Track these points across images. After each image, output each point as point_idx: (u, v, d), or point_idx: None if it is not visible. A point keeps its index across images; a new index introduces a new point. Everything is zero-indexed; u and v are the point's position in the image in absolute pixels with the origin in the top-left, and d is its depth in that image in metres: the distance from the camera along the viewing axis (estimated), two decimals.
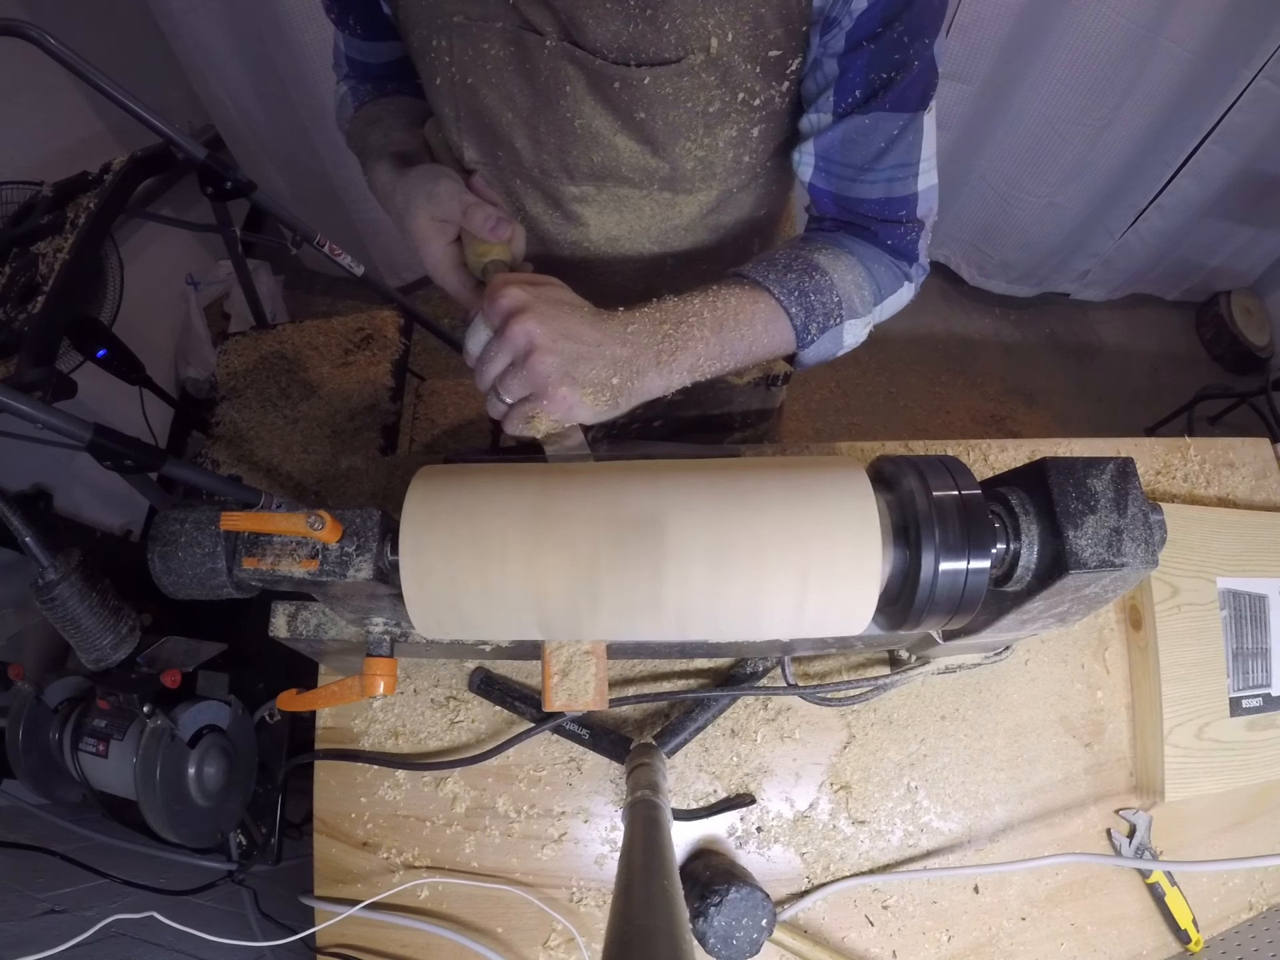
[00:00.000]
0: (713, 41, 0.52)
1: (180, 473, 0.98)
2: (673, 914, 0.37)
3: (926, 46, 0.53)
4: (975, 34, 1.65)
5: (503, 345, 0.48)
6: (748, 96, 0.57)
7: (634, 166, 0.62)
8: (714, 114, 0.57)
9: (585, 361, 0.48)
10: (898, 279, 0.63)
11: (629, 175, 0.62)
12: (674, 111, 0.57)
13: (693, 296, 0.54)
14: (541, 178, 0.65)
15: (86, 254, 1.06)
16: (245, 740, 1.00)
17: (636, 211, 0.66)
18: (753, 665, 0.69)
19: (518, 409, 0.49)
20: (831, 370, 2.27)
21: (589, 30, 0.53)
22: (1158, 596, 0.72)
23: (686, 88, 0.55)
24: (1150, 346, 2.46)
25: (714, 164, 0.62)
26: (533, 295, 0.49)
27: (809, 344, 0.58)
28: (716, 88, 0.56)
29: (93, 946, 0.63)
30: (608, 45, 0.53)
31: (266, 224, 2.09)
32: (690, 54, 0.53)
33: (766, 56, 0.54)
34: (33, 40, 1.00)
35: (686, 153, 0.60)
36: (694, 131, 0.58)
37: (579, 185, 0.64)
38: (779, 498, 0.44)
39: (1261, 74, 1.71)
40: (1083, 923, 0.69)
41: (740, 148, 0.61)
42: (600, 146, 0.60)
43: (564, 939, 0.65)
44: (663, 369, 0.51)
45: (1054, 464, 0.45)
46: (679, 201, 0.65)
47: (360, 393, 1.38)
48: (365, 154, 0.65)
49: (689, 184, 0.63)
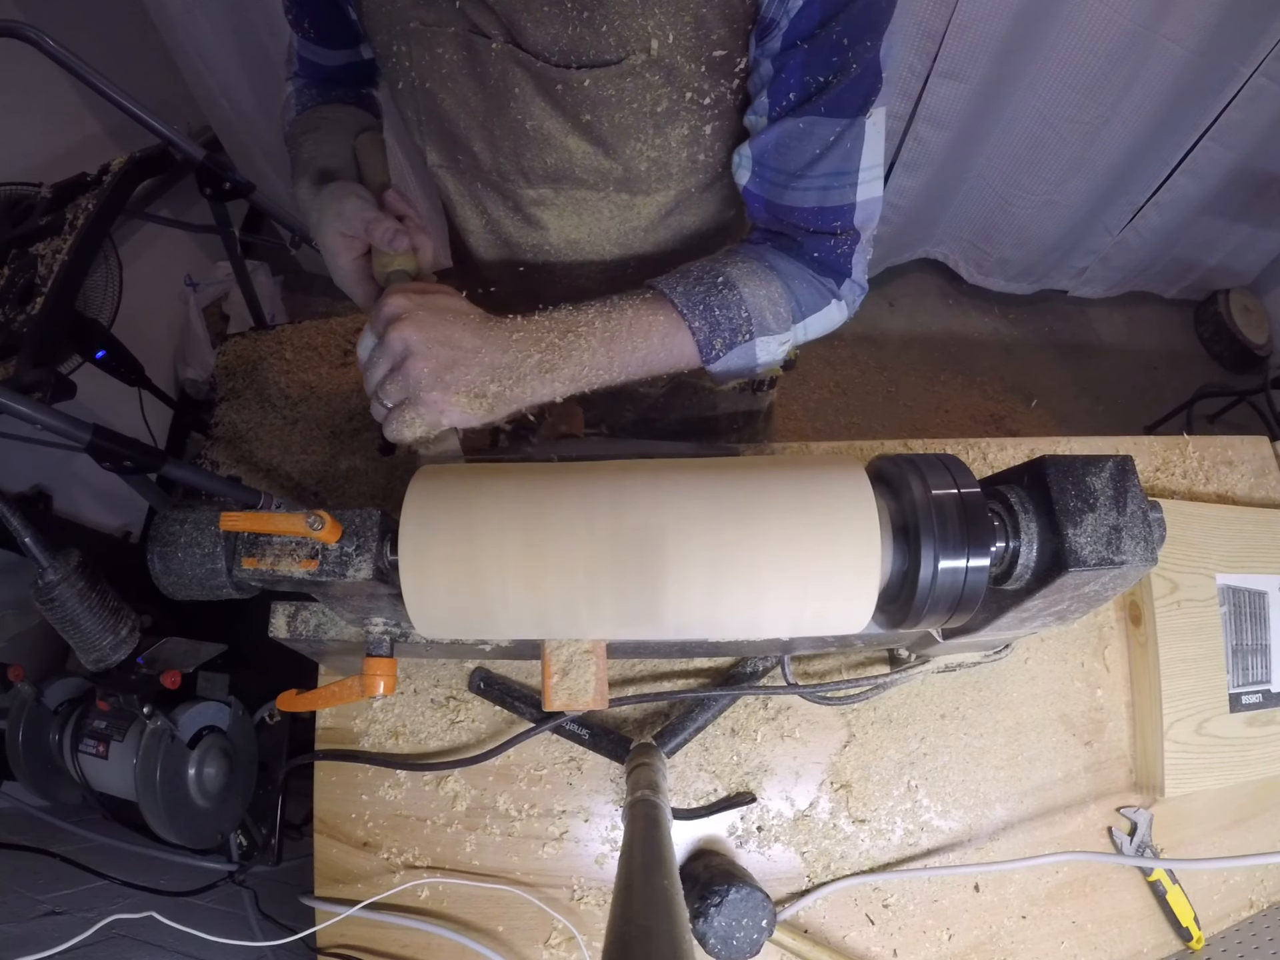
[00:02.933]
0: (653, 43, 0.52)
1: (179, 473, 0.98)
2: (673, 914, 0.37)
3: (869, 49, 0.51)
4: (973, 33, 1.65)
5: (382, 351, 0.50)
6: (696, 95, 0.56)
7: (587, 168, 0.62)
8: (662, 113, 0.57)
9: (460, 366, 0.49)
10: (823, 297, 0.61)
11: (584, 177, 0.63)
12: (619, 113, 0.56)
13: (589, 306, 0.55)
14: (500, 181, 0.65)
15: (85, 255, 1.06)
16: (245, 741, 1.00)
17: (595, 214, 0.66)
18: (753, 664, 0.69)
19: (394, 414, 0.50)
20: (830, 370, 2.27)
21: (528, 33, 0.53)
22: (1157, 592, 0.72)
23: (630, 88, 0.55)
24: (1149, 345, 2.46)
25: (668, 164, 0.61)
26: (415, 303, 0.50)
27: (714, 359, 0.57)
28: (662, 87, 0.55)
29: (93, 948, 0.63)
30: (548, 48, 0.54)
31: (265, 225, 2.09)
32: (630, 55, 0.53)
33: (711, 56, 0.54)
34: (31, 41, 1.00)
35: (638, 153, 0.60)
36: (643, 132, 0.58)
37: (536, 188, 0.64)
38: (779, 497, 0.44)
39: (1259, 71, 1.71)
40: (1083, 921, 0.69)
41: (694, 146, 0.60)
42: (553, 148, 0.60)
43: (564, 938, 0.65)
44: (545, 377, 0.52)
45: (1053, 462, 0.45)
46: (636, 203, 0.65)
47: (359, 393, 1.37)
48: (295, 164, 0.66)
49: (645, 185, 0.63)
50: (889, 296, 2.40)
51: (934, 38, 1.67)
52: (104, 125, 1.68)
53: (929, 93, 1.77)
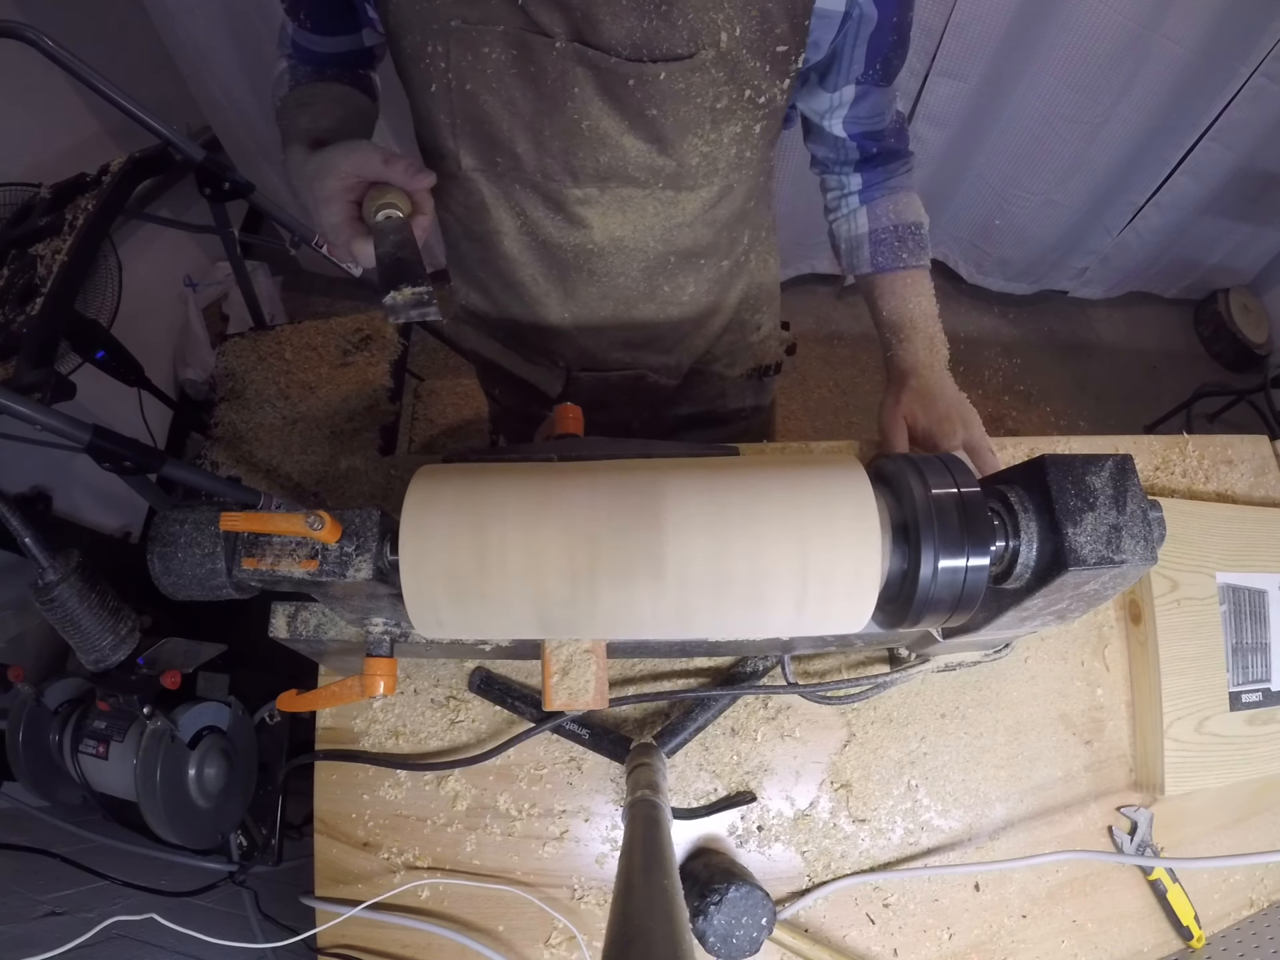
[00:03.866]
0: (722, 36, 0.53)
1: (179, 474, 0.98)
2: (673, 914, 0.37)
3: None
4: (972, 32, 1.65)
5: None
6: (754, 94, 0.58)
7: (640, 165, 0.62)
8: (721, 110, 0.58)
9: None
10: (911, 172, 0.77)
11: (635, 175, 0.63)
12: (685, 107, 0.57)
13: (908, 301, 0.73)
14: (543, 181, 0.64)
15: (85, 255, 1.06)
16: (245, 741, 1.00)
17: (639, 211, 0.66)
18: (753, 664, 0.69)
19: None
20: (830, 370, 2.27)
21: (604, 28, 0.53)
22: (1157, 591, 0.72)
23: (698, 83, 0.56)
24: (1149, 344, 2.46)
25: (717, 160, 0.62)
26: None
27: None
28: (725, 84, 0.56)
29: (93, 948, 0.63)
30: (621, 42, 0.54)
31: (264, 225, 2.09)
32: (702, 49, 0.54)
33: (774, 52, 0.56)
34: (30, 42, 1.00)
35: (693, 149, 0.61)
36: (701, 128, 0.59)
37: (583, 187, 0.64)
38: (779, 496, 0.44)
39: (1259, 71, 1.71)
40: (1084, 920, 0.69)
41: (743, 144, 0.62)
42: (608, 147, 0.60)
43: (565, 937, 0.65)
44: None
45: (1053, 461, 0.45)
46: (681, 199, 0.65)
47: (359, 393, 1.38)
48: (289, 134, 0.64)
49: (692, 180, 0.64)
50: None
51: (933, 36, 1.67)
52: (104, 125, 1.68)
53: (928, 91, 1.77)
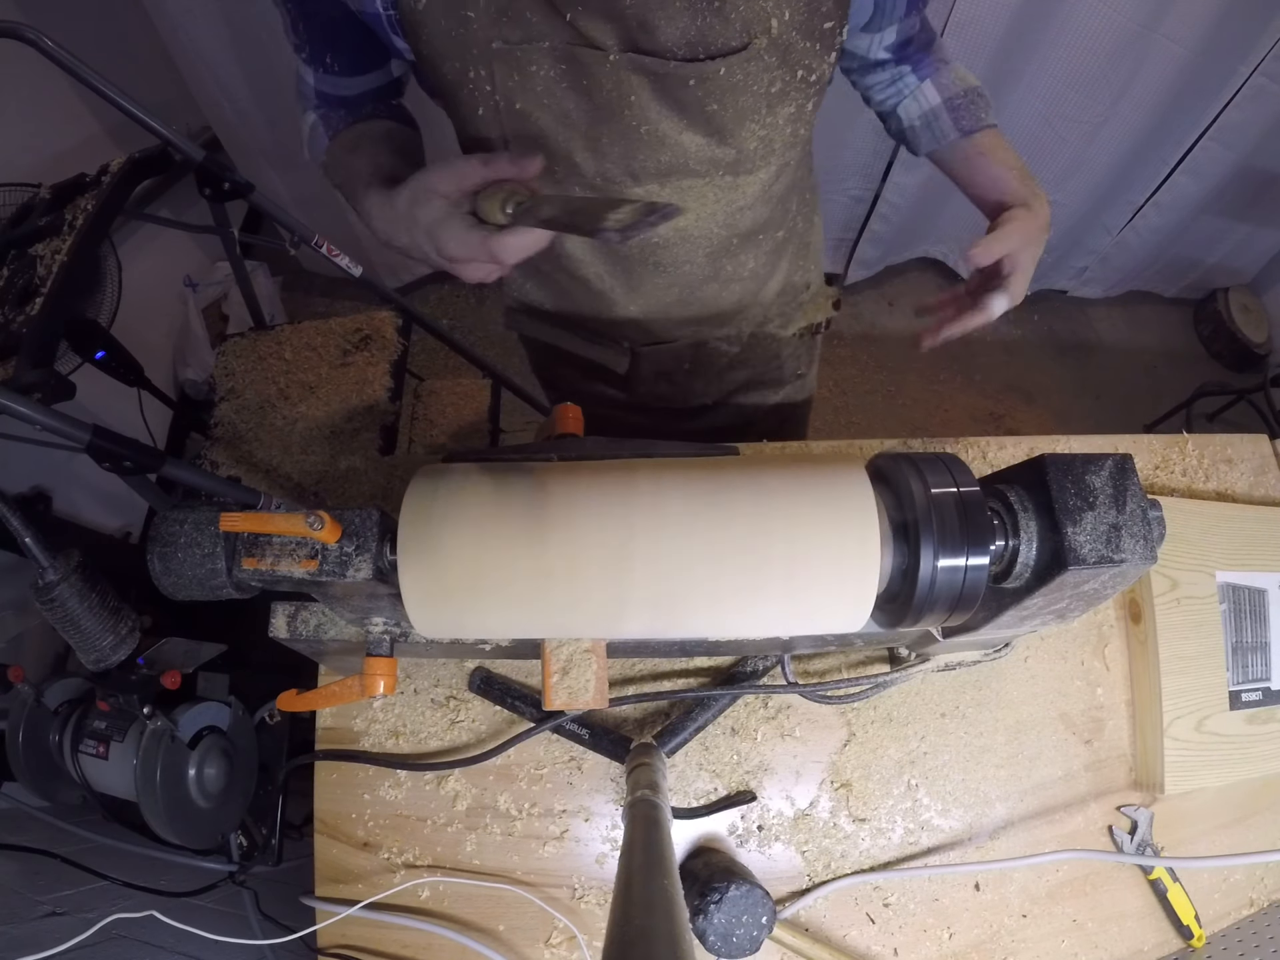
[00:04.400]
0: (773, 22, 0.54)
1: (179, 474, 0.98)
2: (672, 914, 0.37)
3: None
4: (971, 31, 1.65)
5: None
6: (805, 73, 0.59)
7: (700, 159, 0.62)
8: (775, 94, 0.59)
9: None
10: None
11: (695, 168, 0.63)
12: (742, 97, 0.58)
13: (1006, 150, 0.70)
14: (604, 185, 0.64)
15: (84, 256, 1.06)
16: (245, 741, 1.00)
17: (701, 199, 0.67)
18: (753, 664, 0.69)
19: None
20: (830, 369, 2.27)
21: (659, 32, 0.53)
22: (1157, 590, 0.72)
23: (753, 72, 0.56)
24: (1148, 344, 2.46)
25: (773, 141, 0.63)
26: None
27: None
28: (778, 69, 0.57)
29: (94, 948, 0.63)
30: (676, 44, 0.54)
31: (264, 225, 2.09)
32: (755, 38, 0.54)
33: (821, 29, 0.56)
34: (29, 42, 1.00)
35: (750, 135, 0.61)
36: (758, 114, 0.60)
37: (644, 185, 0.64)
38: (779, 495, 0.44)
39: (1258, 71, 1.70)
40: (1084, 919, 0.69)
41: (796, 122, 0.63)
42: (667, 147, 0.61)
43: (565, 937, 0.65)
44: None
45: (1053, 461, 0.45)
46: (740, 183, 0.66)
47: (359, 393, 1.38)
48: (352, 181, 0.62)
49: (750, 164, 0.64)
50: (888, 295, 2.40)
51: None
52: (103, 125, 1.68)
53: None
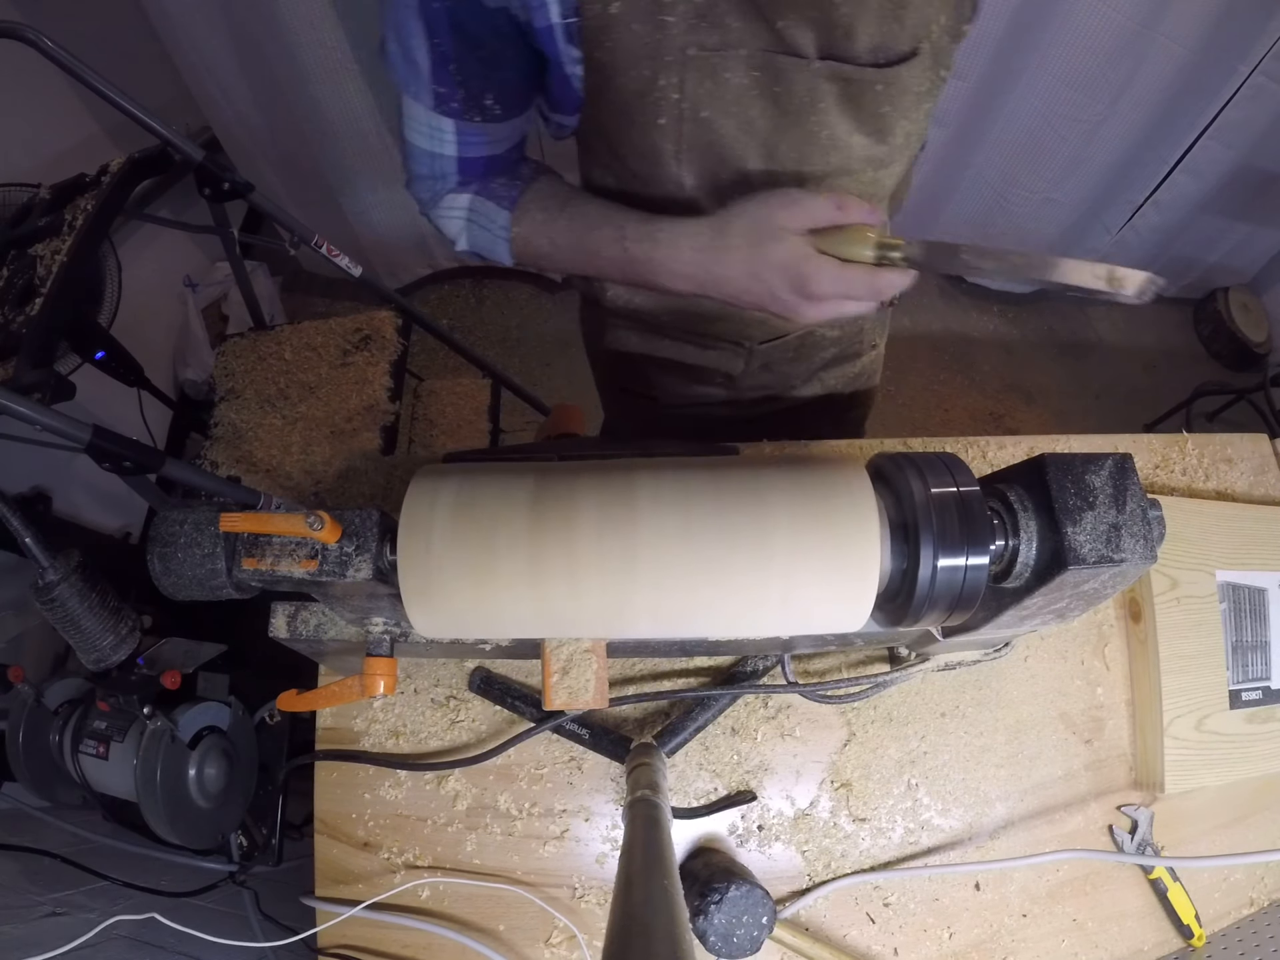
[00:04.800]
0: (933, 29, 0.56)
1: (179, 474, 0.98)
2: (673, 914, 0.37)
3: None
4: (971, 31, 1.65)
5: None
6: (945, 72, 0.61)
7: (860, 158, 0.63)
8: (924, 93, 0.61)
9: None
10: None
11: (854, 167, 0.64)
12: (906, 98, 0.59)
13: None
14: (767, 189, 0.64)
15: (84, 256, 1.06)
16: (246, 741, 1.00)
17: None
18: (753, 663, 0.69)
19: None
20: None
21: (858, 38, 0.54)
22: (1157, 589, 0.72)
23: (918, 74, 0.58)
24: (1148, 343, 2.46)
25: (913, 135, 0.64)
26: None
27: None
28: (930, 70, 0.59)
29: (94, 949, 0.63)
30: (865, 50, 0.55)
31: (264, 225, 2.08)
32: (920, 44, 0.56)
33: (961, 30, 0.58)
34: (29, 42, 1.00)
35: (900, 131, 0.63)
36: (911, 112, 0.61)
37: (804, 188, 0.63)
38: (779, 495, 0.44)
39: (1258, 70, 1.70)
40: (1084, 919, 0.69)
41: (929, 118, 0.65)
42: (838, 149, 0.62)
43: (565, 937, 0.65)
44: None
45: (1052, 460, 0.45)
46: (880, 176, 0.67)
47: (359, 393, 1.38)
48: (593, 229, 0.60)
49: (892, 159, 0.66)
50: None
51: None
52: (103, 125, 1.68)
53: None
